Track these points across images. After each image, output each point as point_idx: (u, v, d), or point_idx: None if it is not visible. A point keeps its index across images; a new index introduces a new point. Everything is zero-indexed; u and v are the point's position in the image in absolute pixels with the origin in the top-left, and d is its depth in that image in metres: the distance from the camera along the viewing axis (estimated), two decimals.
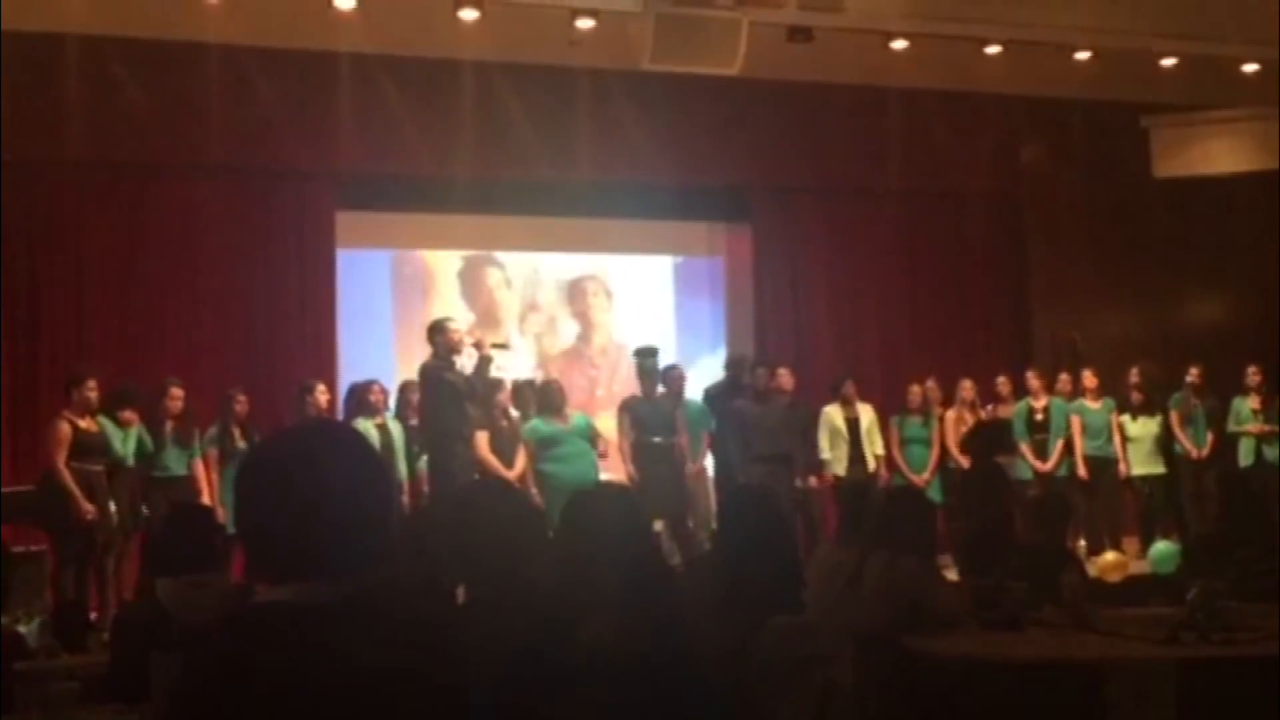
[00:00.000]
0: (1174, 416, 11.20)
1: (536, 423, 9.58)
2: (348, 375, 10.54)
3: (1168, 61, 11.44)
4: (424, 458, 9.28)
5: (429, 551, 3.58)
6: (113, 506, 8.52)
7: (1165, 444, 11.20)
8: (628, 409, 10.02)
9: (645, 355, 10.20)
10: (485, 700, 1.86)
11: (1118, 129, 12.85)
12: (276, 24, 10.10)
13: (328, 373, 10.58)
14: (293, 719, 1.74)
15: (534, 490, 9.04)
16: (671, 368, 10.32)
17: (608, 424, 10.38)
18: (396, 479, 9.12)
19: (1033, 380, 11.25)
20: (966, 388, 11.05)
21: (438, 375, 8.87)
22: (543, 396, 9.80)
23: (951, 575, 7.85)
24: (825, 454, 10.61)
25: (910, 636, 4.45)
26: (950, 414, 10.97)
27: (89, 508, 8.23)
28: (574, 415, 9.77)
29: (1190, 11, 10.94)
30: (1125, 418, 11.19)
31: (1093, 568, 8.88)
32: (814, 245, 12.76)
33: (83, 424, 8.47)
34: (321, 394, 9.49)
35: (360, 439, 2.04)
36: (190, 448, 9.12)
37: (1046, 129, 12.95)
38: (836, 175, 12.57)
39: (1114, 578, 9.16)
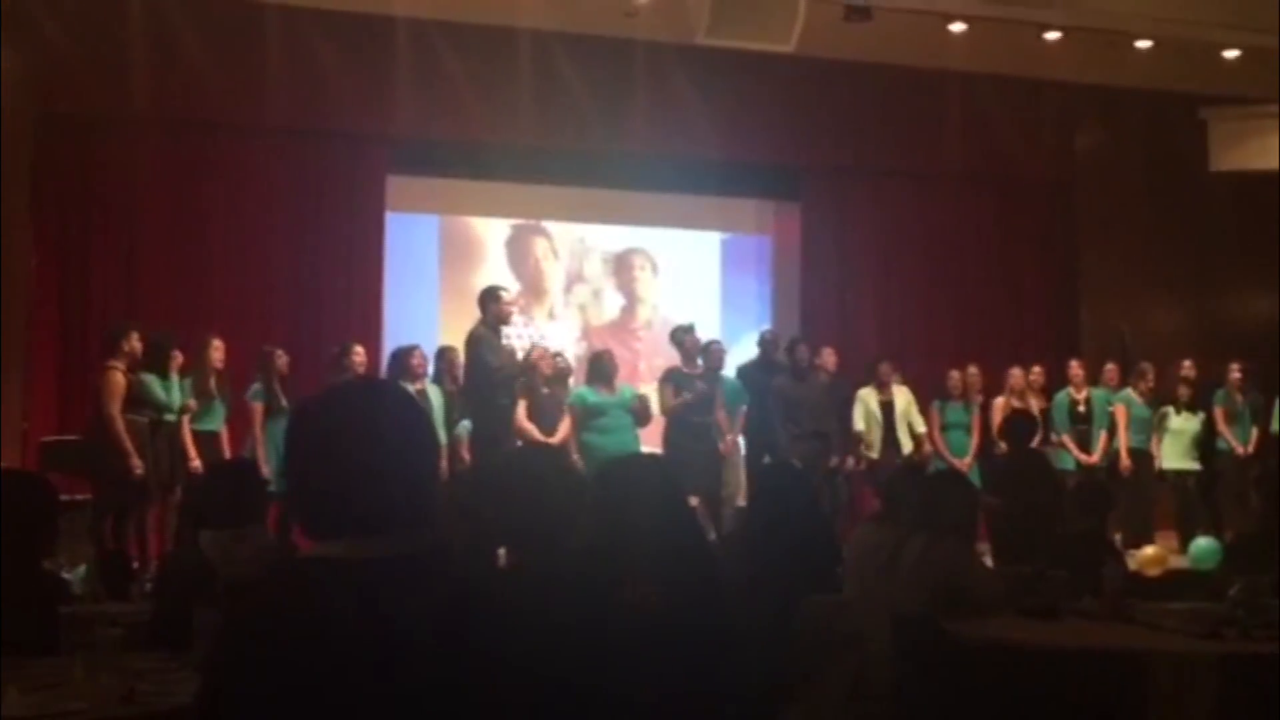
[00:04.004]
0: (1218, 413, 11.05)
1: (584, 391, 9.61)
2: (392, 338, 10.59)
3: (1229, 53, 11.31)
4: (463, 423, 9.31)
5: (471, 515, 3.60)
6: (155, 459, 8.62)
7: (1204, 440, 11.06)
8: (671, 381, 10.00)
9: (683, 332, 10.16)
10: (525, 662, 1.87)
11: (1175, 120, 12.69)
12: None
13: (372, 335, 10.63)
14: (334, 673, 1.75)
15: (576, 458, 9.05)
16: (712, 343, 10.27)
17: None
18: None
19: (1075, 370, 11.14)
20: (1015, 375, 10.95)
21: (484, 342, 8.91)
22: (594, 366, 9.82)
23: (988, 561, 7.84)
24: (861, 435, 10.58)
25: (948, 619, 4.43)
26: (998, 401, 10.88)
27: (139, 463, 8.34)
28: (622, 387, 9.77)
29: (1253, 3, 10.78)
30: (1169, 410, 11.06)
31: (1132, 561, 8.80)
32: (863, 226, 12.71)
33: (131, 376, 8.56)
34: (358, 355, 9.44)
35: (411, 400, 2.06)
36: (229, 402, 9.17)
37: (1103, 117, 12.83)
38: (888, 157, 12.49)
39: (1153, 572, 9.06)
